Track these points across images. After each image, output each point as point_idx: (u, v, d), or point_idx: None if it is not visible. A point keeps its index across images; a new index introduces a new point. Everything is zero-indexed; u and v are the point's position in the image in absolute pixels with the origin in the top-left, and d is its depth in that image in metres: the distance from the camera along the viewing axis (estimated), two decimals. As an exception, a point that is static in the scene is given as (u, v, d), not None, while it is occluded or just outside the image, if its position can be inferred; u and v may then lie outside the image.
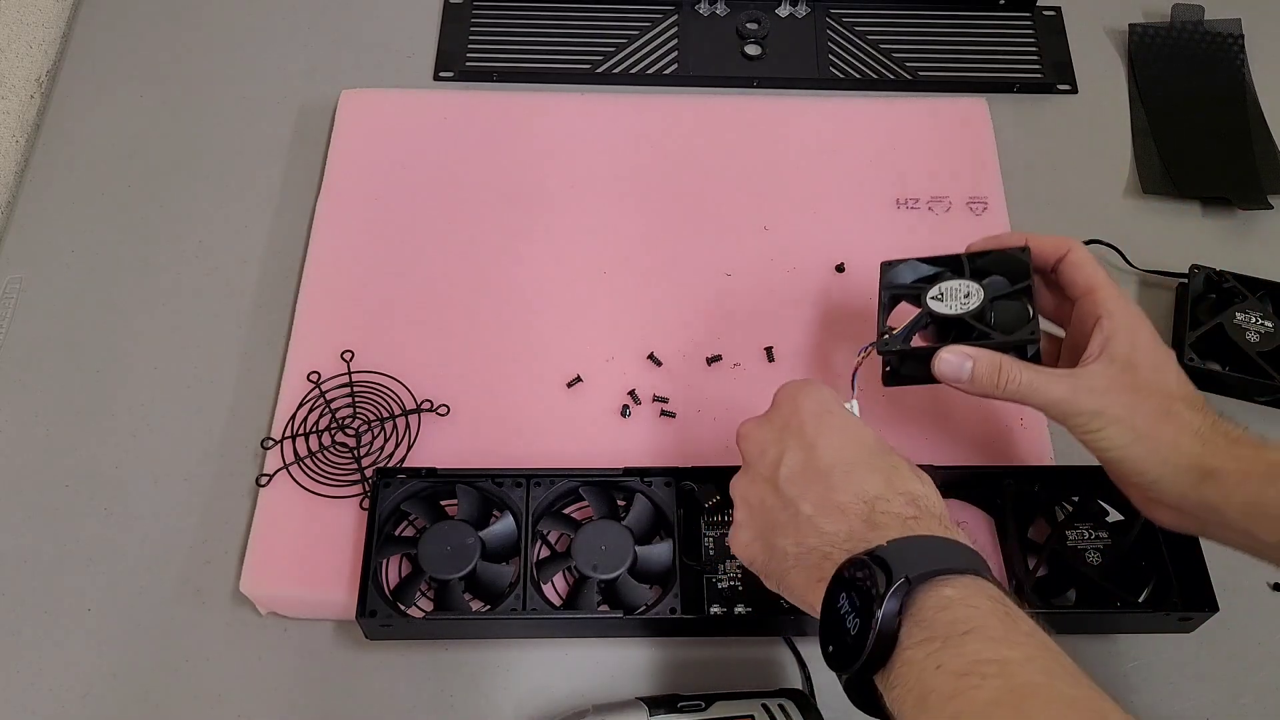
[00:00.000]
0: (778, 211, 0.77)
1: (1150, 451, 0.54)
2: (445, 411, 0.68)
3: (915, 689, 0.43)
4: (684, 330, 0.72)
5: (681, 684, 0.60)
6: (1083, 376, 0.55)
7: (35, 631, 0.63)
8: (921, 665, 0.43)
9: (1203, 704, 0.61)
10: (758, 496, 0.53)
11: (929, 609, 0.44)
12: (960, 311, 0.58)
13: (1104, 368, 0.55)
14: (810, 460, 0.51)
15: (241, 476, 0.67)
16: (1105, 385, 0.54)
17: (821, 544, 0.49)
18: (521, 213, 0.76)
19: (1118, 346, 0.55)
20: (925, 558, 0.45)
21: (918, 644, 0.43)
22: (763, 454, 0.53)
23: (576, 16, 0.88)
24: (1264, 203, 0.78)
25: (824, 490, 0.50)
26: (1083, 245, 0.59)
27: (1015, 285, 0.59)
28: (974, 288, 0.59)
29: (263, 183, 0.79)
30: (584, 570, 0.60)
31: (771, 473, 0.52)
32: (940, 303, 0.59)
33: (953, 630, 0.43)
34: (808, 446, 0.52)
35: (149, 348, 0.72)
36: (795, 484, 0.51)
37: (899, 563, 0.44)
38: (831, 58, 0.86)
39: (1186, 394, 0.55)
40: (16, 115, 0.84)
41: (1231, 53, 0.86)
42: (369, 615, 0.58)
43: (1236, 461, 0.52)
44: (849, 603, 0.45)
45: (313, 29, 0.87)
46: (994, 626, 0.43)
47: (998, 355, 0.55)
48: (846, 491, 0.50)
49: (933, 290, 0.59)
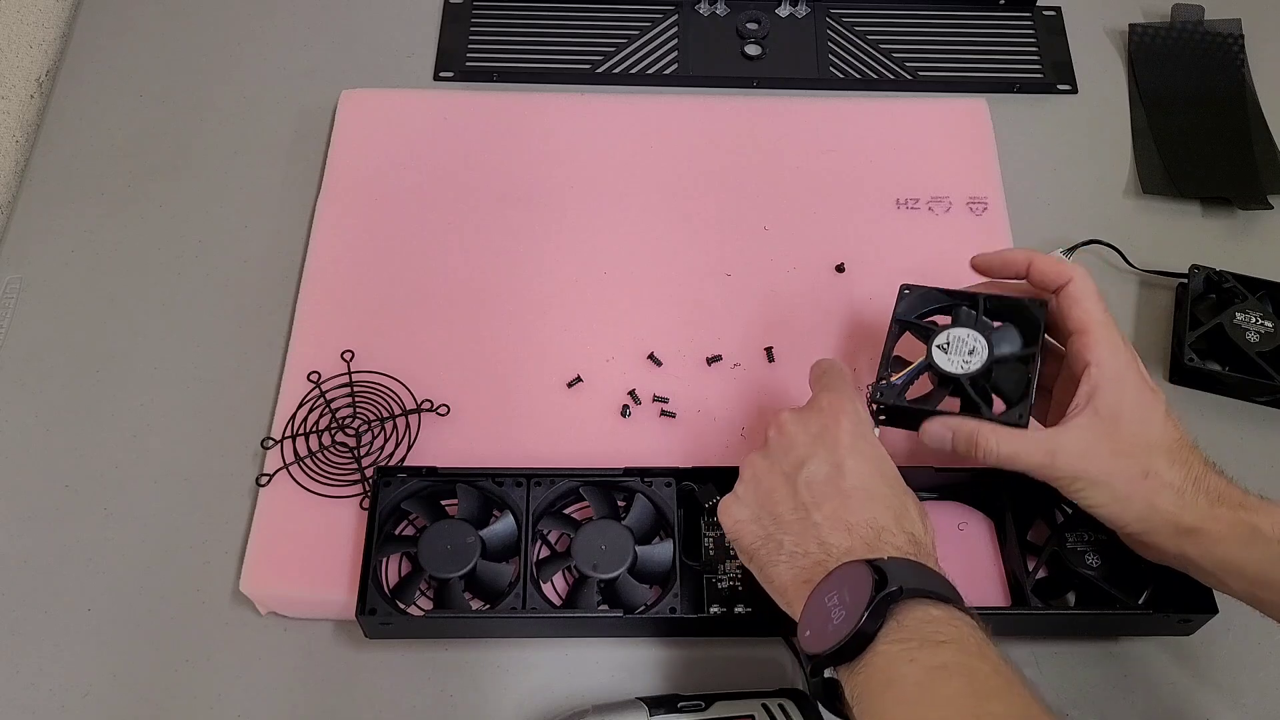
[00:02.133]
0: (778, 211, 0.77)
1: (1128, 510, 0.55)
2: (445, 411, 0.68)
3: (884, 674, 0.45)
4: (684, 330, 0.72)
5: (681, 684, 0.60)
6: (1062, 438, 0.55)
7: (35, 631, 0.63)
8: (895, 657, 0.45)
9: (1203, 705, 0.61)
10: (770, 485, 0.54)
11: (913, 619, 0.46)
12: (960, 372, 0.58)
13: (1085, 425, 0.55)
14: (834, 476, 0.53)
15: (241, 476, 0.67)
16: (1083, 448, 0.55)
17: (820, 552, 0.51)
18: (522, 213, 0.76)
19: (1103, 399, 0.55)
20: (919, 578, 0.48)
21: (895, 641, 0.46)
22: (790, 449, 0.55)
23: (576, 16, 0.88)
24: (1264, 203, 0.78)
25: (839, 506, 0.52)
26: (1085, 275, 0.58)
27: (1021, 350, 0.59)
28: (980, 343, 0.58)
29: (263, 183, 0.79)
30: (584, 570, 0.60)
31: (793, 471, 0.54)
32: (944, 354, 0.59)
33: (931, 638, 0.46)
34: (836, 463, 0.54)
35: (149, 348, 0.72)
36: (813, 491, 0.53)
37: (895, 575, 0.47)
38: (831, 58, 0.86)
39: (1171, 445, 0.55)
40: (16, 115, 0.84)
41: (1231, 53, 0.86)
42: (369, 613, 0.58)
43: (1214, 522, 0.53)
44: (838, 598, 0.48)
45: (313, 29, 0.87)
46: (970, 643, 0.46)
47: (977, 426, 0.56)
48: (859, 515, 0.52)
49: (940, 337, 0.59)
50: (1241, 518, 0.53)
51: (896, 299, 0.63)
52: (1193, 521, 0.53)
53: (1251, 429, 0.70)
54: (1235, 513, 0.53)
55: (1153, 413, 0.55)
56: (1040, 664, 0.62)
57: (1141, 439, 0.55)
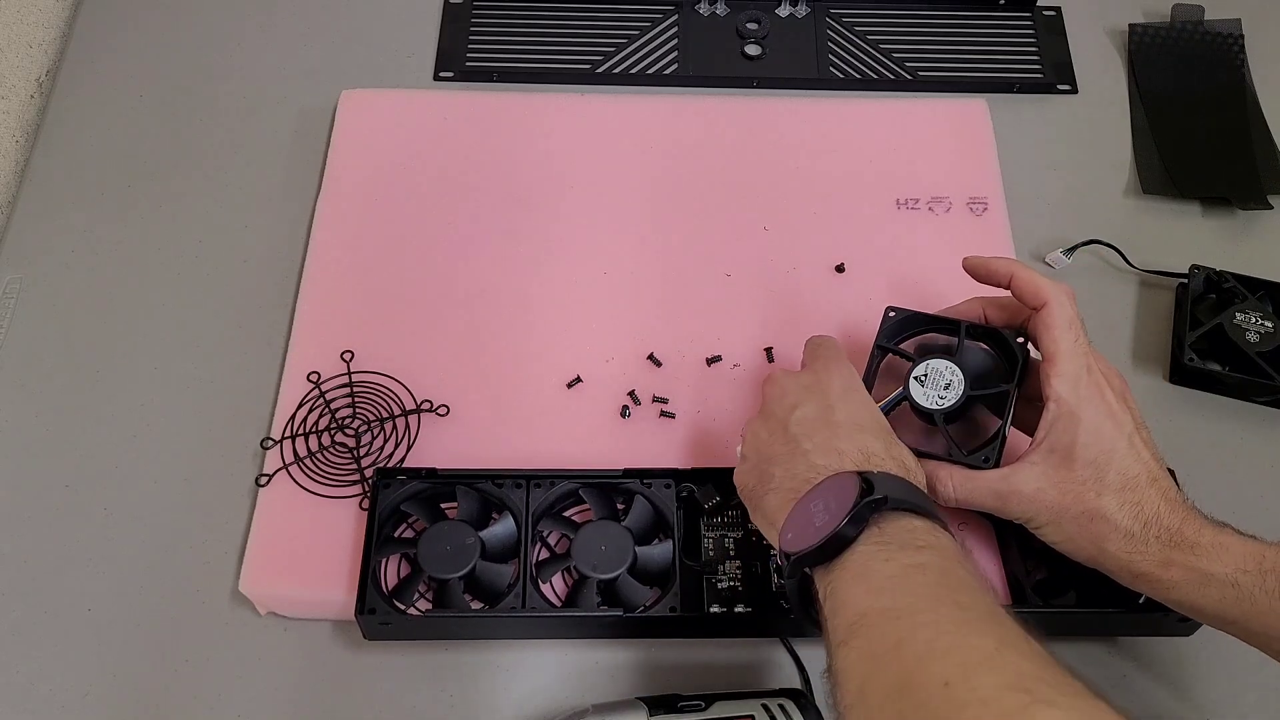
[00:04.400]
0: (778, 211, 0.77)
1: (1079, 550, 0.55)
2: (445, 412, 0.68)
3: (859, 568, 0.46)
4: (684, 330, 0.72)
5: (681, 684, 0.60)
6: (1015, 478, 0.55)
7: (35, 631, 0.63)
8: (871, 555, 0.47)
9: (1203, 705, 0.61)
10: (767, 432, 0.57)
11: (895, 527, 0.48)
12: (934, 407, 0.59)
13: (1037, 463, 0.55)
14: (824, 413, 0.55)
15: (241, 476, 0.67)
16: (1034, 489, 0.55)
17: (809, 472, 0.52)
18: (522, 213, 0.76)
19: (1057, 438, 0.55)
20: (906, 491, 0.50)
21: (874, 543, 0.47)
22: (782, 398, 0.57)
23: (576, 16, 0.88)
24: (1264, 203, 0.78)
25: (829, 436, 0.54)
26: (1063, 300, 0.57)
27: (997, 389, 0.59)
28: (958, 377, 0.59)
29: (263, 183, 0.79)
30: (584, 570, 0.60)
31: (786, 415, 0.56)
32: (921, 387, 0.60)
33: (911, 543, 0.47)
34: (826, 405, 0.56)
35: (149, 348, 0.72)
36: (803, 426, 0.55)
37: (881, 485, 0.48)
38: (831, 58, 0.86)
39: (1126, 483, 0.54)
40: (16, 115, 0.84)
41: (1231, 53, 0.86)
42: (368, 613, 0.58)
43: (1165, 569, 0.53)
44: (823, 504, 0.49)
45: (313, 29, 0.87)
46: (950, 551, 0.47)
47: (936, 469, 0.57)
48: (849, 442, 0.53)
49: (918, 369, 0.60)
50: (1193, 564, 0.52)
51: (881, 321, 0.63)
52: (1144, 568, 0.53)
53: (1251, 429, 0.70)
54: (1187, 558, 0.52)
55: (1110, 450, 0.54)
56: (1040, 664, 0.62)
57: (1092, 479, 0.54)
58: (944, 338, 0.63)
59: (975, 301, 0.62)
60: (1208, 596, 0.52)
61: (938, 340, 0.63)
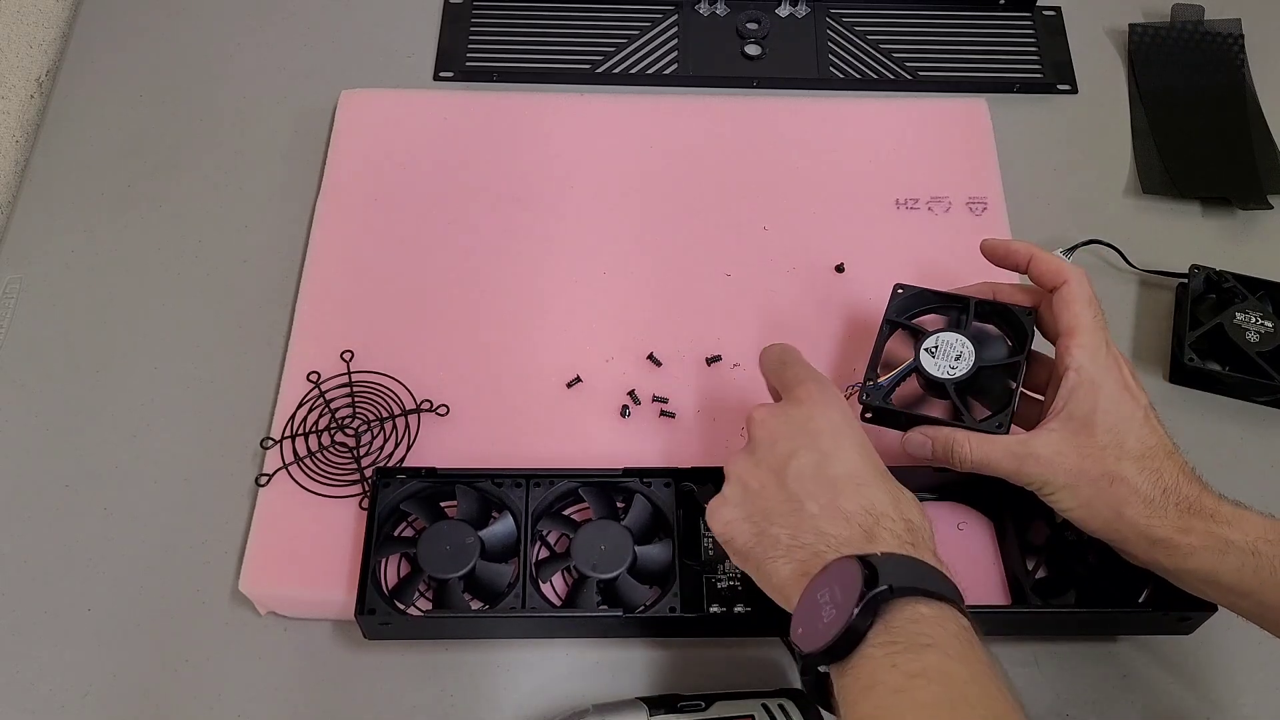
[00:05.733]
0: (778, 211, 0.77)
1: (1095, 516, 0.55)
2: (445, 411, 0.68)
3: (865, 679, 0.45)
4: (684, 330, 0.72)
5: (681, 684, 0.60)
6: (1033, 443, 0.55)
7: (35, 631, 0.63)
8: (879, 662, 0.45)
9: (1203, 704, 0.61)
10: (759, 482, 0.54)
11: (901, 620, 0.46)
12: (946, 377, 0.59)
13: (1056, 429, 0.55)
14: (823, 466, 0.53)
15: (241, 476, 0.67)
16: (1052, 453, 0.55)
17: (817, 543, 0.51)
18: (521, 213, 0.76)
19: (1077, 405, 0.55)
20: (912, 575, 0.48)
21: (881, 644, 0.46)
22: (774, 444, 0.54)
23: (576, 16, 0.88)
24: (1264, 203, 0.78)
25: (832, 496, 0.52)
26: (1082, 279, 0.58)
27: (1007, 358, 0.60)
28: (968, 349, 0.60)
29: (262, 183, 0.79)
30: (583, 570, 0.60)
31: (780, 465, 0.53)
32: (932, 359, 0.60)
33: (916, 641, 0.46)
34: (823, 453, 0.53)
35: (148, 348, 0.72)
36: (803, 483, 0.53)
37: (886, 572, 0.47)
38: (831, 58, 0.86)
39: (1145, 452, 0.55)
40: (16, 115, 0.84)
41: (1231, 53, 0.86)
42: (368, 613, 0.58)
43: (1185, 534, 0.53)
44: (829, 595, 0.48)
45: (313, 29, 0.87)
46: (954, 647, 0.46)
47: (953, 433, 0.57)
48: (854, 501, 0.52)
49: (929, 341, 0.60)
50: (1213, 530, 0.53)
51: (889, 298, 0.64)
52: (1163, 533, 0.53)
53: (1251, 429, 0.70)
54: (1207, 524, 0.53)
55: (1129, 419, 0.55)
56: (1040, 663, 0.62)
57: (1112, 445, 0.55)
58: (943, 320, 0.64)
59: (984, 285, 0.63)
60: (1226, 564, 0.52)
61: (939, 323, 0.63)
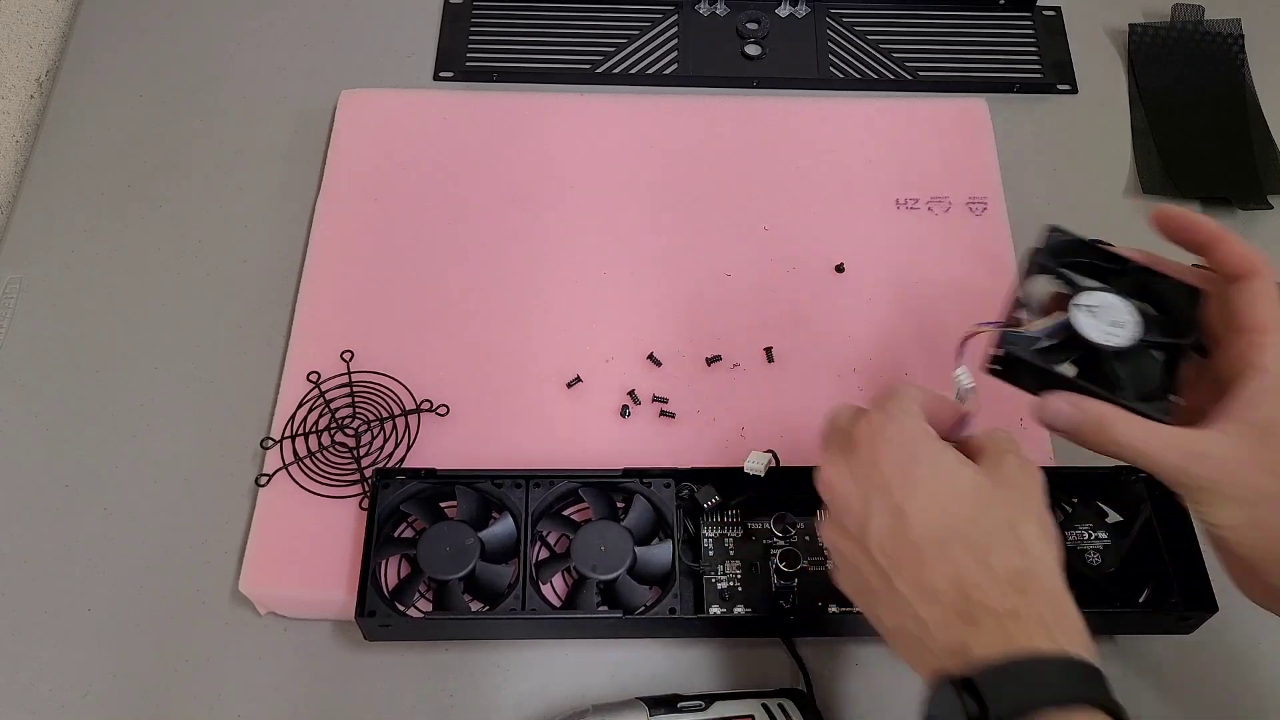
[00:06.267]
0: (778, 211, 0.77)
1: (1264, 540, 0.47)
2: (445, 412, 0.68)
3: None
4: (684, 330, 0.72)
5: (681, 684, 0.60)
6: (1204, 442, 0.47)
7: (35, 631, 0.63)
8: None
9: (1203, 704, 0.61)
10: (851, 554, 0.49)
11: None
12: (1105, 342, 0.50)
13: (1234, 433, 0.47)
14: (899, 527, 0.47)
15: (241, 476, 0.67)
16: (1226, 455, 0.47)
17: (917, 630, 0.46)
18: (521, 213, 0.76)
19: (1261, 409, 0.46)
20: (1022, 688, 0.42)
21: None
22: (848, 508, 0.49)
23: (576, 16, 0.88)
24: (1264, 203, 0.78)
25: (917, 568, 0.46)
26: (1273, 271, 0.49)
27: (1173, 338, 0.50)
28: (1132, 317, 0.50)
29: (262, 183, 0.79)
30: (583, 571, 0.60)
31: (860, 532, 0.48)
32: (1090, 318, 0.50)
33: None
34: (895, 510, 0.47)
35: (148, 348, 0.72)
36: (886, 553, 0.47)
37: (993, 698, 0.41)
38: (831, 58, 0.86)
39: None
40: (16, 115, 0.84)
41: (1231, 53, 0.86)
42: (368, 615, 0.58)
43: None
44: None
45: (312, 29, 0.87)
46: None
47: (1108, 410, 0.48)
48: (939, 572, 0.46)
49: (1087, 298, 0.51)
50: None
51: (1042, 236, 0.54)
52: None
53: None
54: None
55: None
56: (1040, 664, 0.62)
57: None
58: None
59: (1144, 253, 0.54)
60: None
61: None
